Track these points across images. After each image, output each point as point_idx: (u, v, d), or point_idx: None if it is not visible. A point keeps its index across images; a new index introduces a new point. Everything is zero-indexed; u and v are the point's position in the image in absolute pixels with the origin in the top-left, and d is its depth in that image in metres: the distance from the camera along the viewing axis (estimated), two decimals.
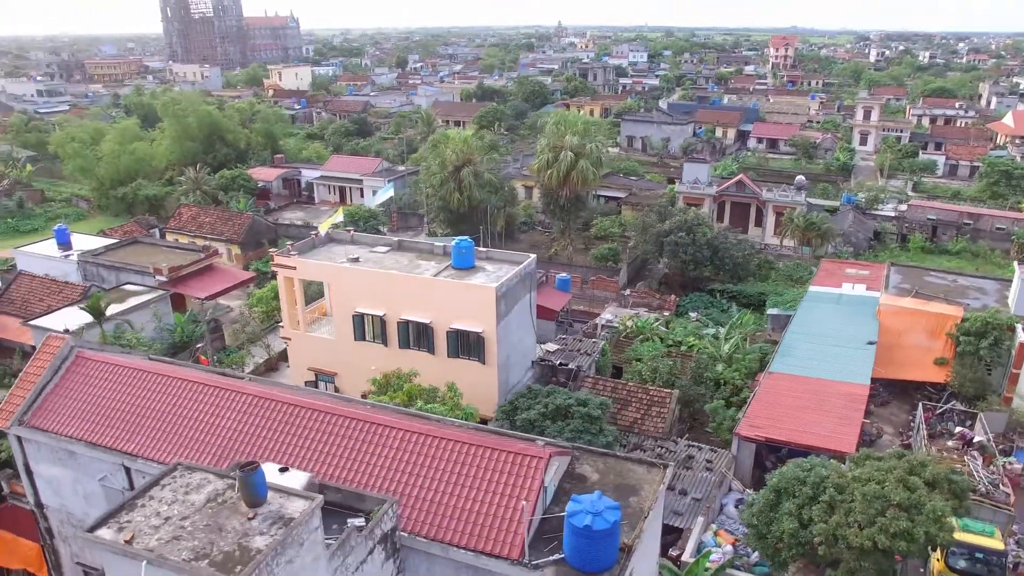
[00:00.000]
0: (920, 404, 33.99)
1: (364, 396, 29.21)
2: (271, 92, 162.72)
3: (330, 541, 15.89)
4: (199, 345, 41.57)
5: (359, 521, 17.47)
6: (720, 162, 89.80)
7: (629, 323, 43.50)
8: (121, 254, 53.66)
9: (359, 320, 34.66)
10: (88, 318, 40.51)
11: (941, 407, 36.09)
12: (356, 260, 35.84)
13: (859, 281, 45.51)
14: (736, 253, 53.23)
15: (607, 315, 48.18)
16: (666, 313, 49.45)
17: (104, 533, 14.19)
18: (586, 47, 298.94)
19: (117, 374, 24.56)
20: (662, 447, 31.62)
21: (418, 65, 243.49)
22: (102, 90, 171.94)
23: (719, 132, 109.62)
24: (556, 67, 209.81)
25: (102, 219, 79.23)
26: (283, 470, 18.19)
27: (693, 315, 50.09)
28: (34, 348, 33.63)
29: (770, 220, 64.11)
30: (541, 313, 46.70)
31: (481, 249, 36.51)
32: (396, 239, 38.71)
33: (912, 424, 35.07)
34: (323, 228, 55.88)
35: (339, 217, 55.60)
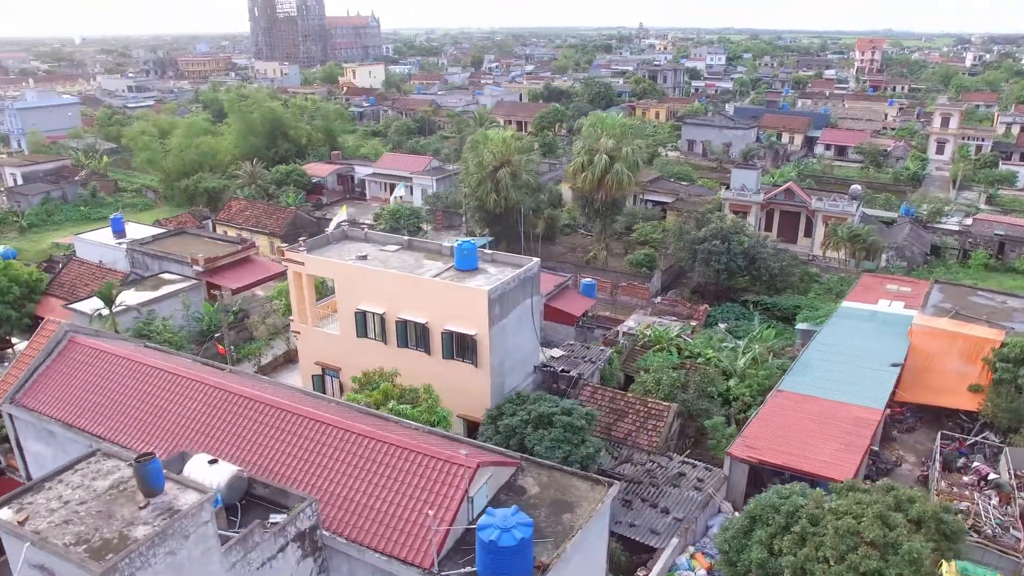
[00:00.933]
0: (939, 433, 31.71)
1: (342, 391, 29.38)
2: (344, 90, 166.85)
3: (233, 535, 15.93)
4: (216, 335, 42.76)
5: (280, 517, 17.47)
6: (780, 169, 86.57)
7: (647, 332, 42.32)
8: (166, 244, 55.93)
9: (361, 317, 34.87)
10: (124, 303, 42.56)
11: (971, 438, 33.70)
12: (364, 258, 36.10)
13: (898, 298, 42.94)
14: (773, 264, 51.06)
15: (630, 322, 47.02)
16: (693, 323, 47.90)
17: (3, 512, 14.60)
18: (665, 49, 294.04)
19: (100, 360, 25.45)
20: (654, 462, 30.54)
21: (493, 65, 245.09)
22: (187, 86, 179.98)
23: (785, 138, 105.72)
24: (630, 69, 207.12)
25: (166, 209, 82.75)
26: (212, 462, 18.38)
27: (722, 326, 48.37)
28: None
29: (819, 231, 61.27)
30: (560, 317, 46.21)
31: (487, 251, 36.16)
32: (406, 238, 38.82)
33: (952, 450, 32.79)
34: (332, 225, 56.89)
35: (343, 215, 56.49)
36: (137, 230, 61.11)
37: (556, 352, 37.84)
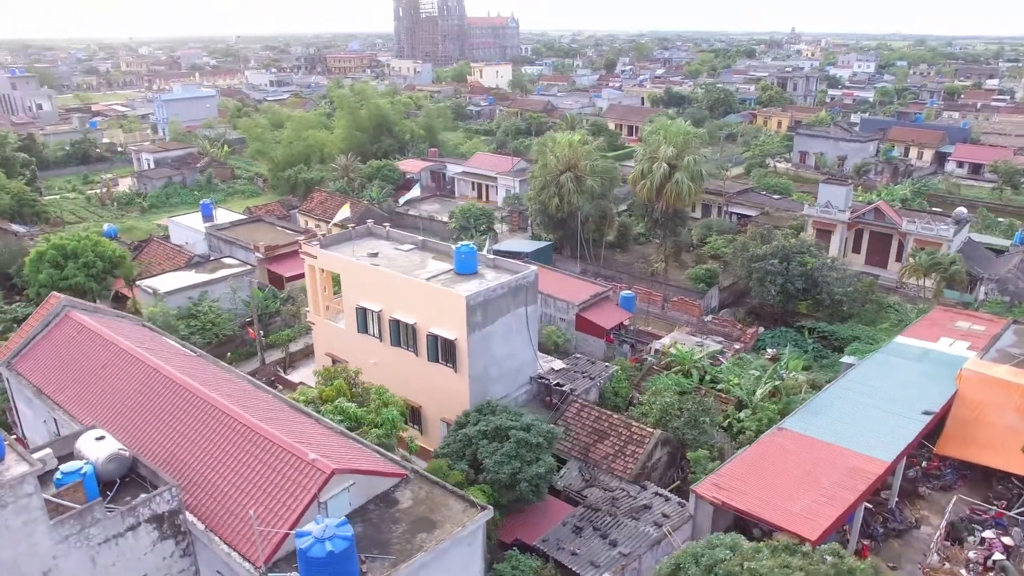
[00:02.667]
0: (955, 496, 27.82)
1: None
2: (468, 88, 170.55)
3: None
4: (248, 319, 44.80)
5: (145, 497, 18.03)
6: (894, 186, 79.41)
7: (672, 351, 40.12)
8: (241, 231, 59.39)
9: (361, 313, 35.41)
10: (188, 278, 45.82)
11: (1018, 507, 29.47)
12: (375, 255, 36.63)
13: (965, 337, 38.12)
14: (837, 289, 46.84)
15: (667, 339, 44.74)
16: (737, 346, 44.94)
17: None
18: (812, 55, 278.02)
19: (81, 335, 27.33)
20: (623, 490, 28.85)
21: (626, 68, 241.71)
22: (324, 82, 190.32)
23: (913, 153, 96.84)
24: (766, 75, 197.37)
25: (270, 197, 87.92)
26: (100, 438, 19.24)
27: (770, 351, 45.10)
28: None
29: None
30: (590, 329, 44.76)
31: (490, 256, 35.64)
32: (421, 239, 38.93)
33: (965, 518, 28.82)
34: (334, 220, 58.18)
35: (346, 212, 57.60)
36: (224, 216, 65.52)
37: (557, 364, 36.65)
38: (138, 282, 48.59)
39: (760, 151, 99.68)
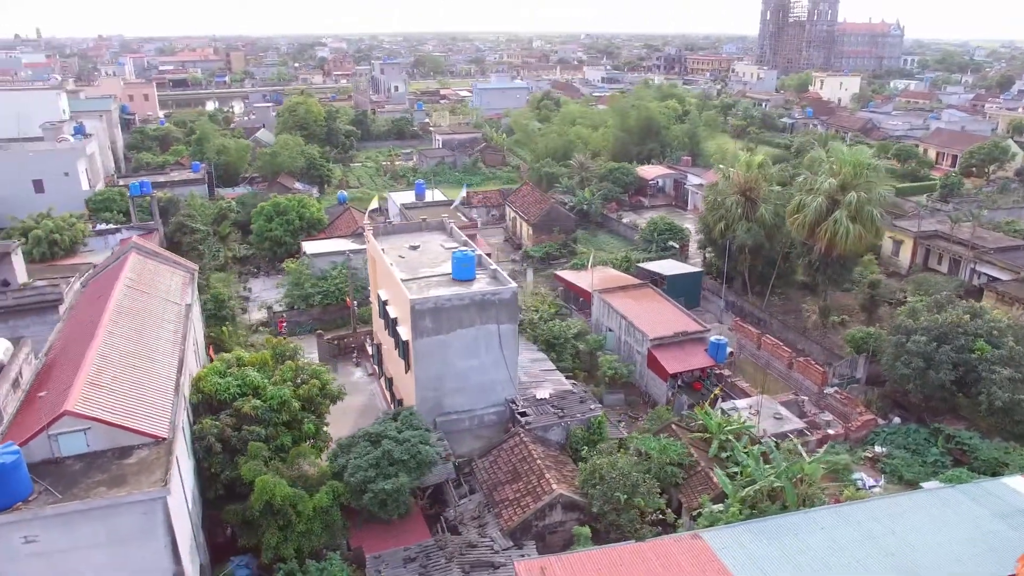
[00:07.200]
0: None
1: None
2: (798, 100, 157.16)
3: None
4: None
5: None
6: None
7: (713, 419, 34.00)
8: (429, 211, 64.59)
9: (379, 298, 37.12)
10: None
11: None
12: (415, 248, 38.07)
13: None
14: (1001, 391, 34.77)
15: (743, 403, 38.02)
16: (832, 431, 36.56)
17: None
18: None
19: (116, 270, 33.60)
20: (489, 540, 26.34)
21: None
22: (657, 80, 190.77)
23: None
24: None
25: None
26: None
27: (877, 449, 35.95)
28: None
29: None
30: (657, 369, 40.36)
31: (492, 267, 34.28)
32: (464, 238, 38.88)
33: None
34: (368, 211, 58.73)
35: (374, 204, 57.05)
36: (434, 196, 71.88)
37: (543, 393, 33.96)
38: (304, 243, 56.37)
39: None
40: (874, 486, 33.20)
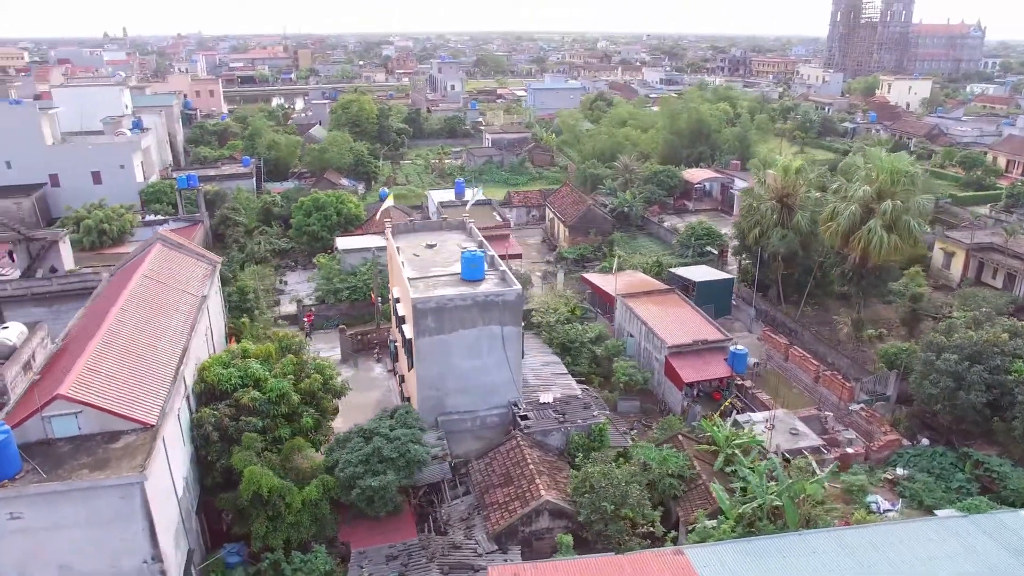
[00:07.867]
0: None
1: None
2: (864, 104, 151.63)
3: None
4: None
5: None
6: None
7: (709, 424, 33.23)
8: (463, 210, 64.91)
9: (393, 296, 37.46)
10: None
11: None
12: (431, 247, 38.34)
13: None
14: None
15: (759, 416, 36.92)
16: (851, 450, 35.21)
17: None
18: None
19: (140, 261, 34.87)
20: (473, 543, 26.27)
21: None
22: (718, 81, 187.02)
23: None
24: None
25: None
26: (4, 327, 25.75)
27: (899, 471, 34.46)
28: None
29: None
30: (673, 377, 39.56)
31: (502, 268, 34.15)
32: (481, 239, 38.86)
33: None
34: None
35: (390, 202, 56.98)
36: (473, 195, 72.05)
37: (546, 397, 33.68)
38: (338, 237, 57.33)
39: None
40: (890, 510, 31.74)
